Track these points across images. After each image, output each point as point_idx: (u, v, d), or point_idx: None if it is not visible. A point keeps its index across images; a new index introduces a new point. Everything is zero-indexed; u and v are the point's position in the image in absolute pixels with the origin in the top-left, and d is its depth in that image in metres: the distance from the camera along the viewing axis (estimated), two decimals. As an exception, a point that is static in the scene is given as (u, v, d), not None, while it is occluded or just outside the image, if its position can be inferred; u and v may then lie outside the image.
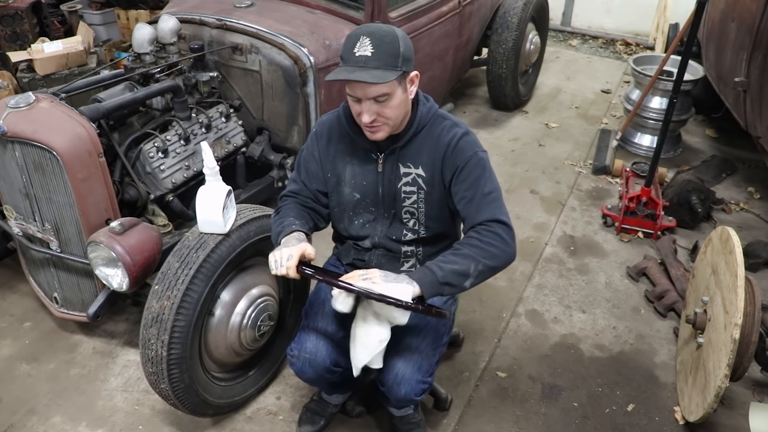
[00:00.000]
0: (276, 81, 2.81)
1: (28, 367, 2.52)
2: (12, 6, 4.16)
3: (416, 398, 1.85)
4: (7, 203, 2.41)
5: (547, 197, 3.69)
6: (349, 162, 1.87)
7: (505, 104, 4.60)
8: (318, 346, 1.90)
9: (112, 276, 2.16)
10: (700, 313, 2.32)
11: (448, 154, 1.78)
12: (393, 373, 1.83)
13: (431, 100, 1.87)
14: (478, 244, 1.69)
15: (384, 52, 1.62)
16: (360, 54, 1.61)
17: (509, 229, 1.73)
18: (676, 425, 2.33)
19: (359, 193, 1.88)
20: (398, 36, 1.67)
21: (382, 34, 1.64)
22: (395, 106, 1.69)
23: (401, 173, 1.83)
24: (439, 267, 1.66)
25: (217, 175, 1.95)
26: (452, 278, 1.66)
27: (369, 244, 1.96)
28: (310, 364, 1.90)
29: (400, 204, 1.86)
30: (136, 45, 2.71)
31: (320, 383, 2.09)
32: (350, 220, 1.94)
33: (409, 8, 3.31)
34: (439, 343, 1.93)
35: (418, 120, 1.80)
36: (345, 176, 1.88)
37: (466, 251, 1.69)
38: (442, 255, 1.72)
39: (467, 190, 1.77)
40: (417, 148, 1.82)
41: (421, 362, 1.85)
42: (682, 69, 2.94)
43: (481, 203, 1.75)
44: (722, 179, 3.84)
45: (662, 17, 5.31)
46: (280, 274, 1.69)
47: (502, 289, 2.96)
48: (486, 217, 1.72)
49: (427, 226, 1.89)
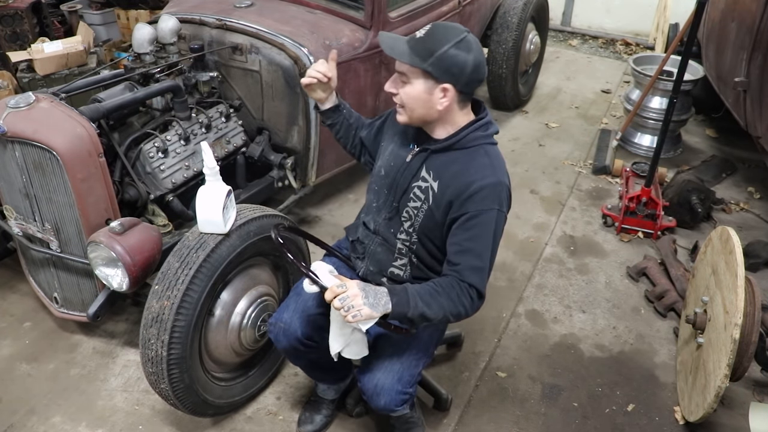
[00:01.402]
0: (276, 81, 2.81)
1: (28, 367, 2.52)
2: (12, 6, 4.17)
3: (397, 408, 1.83)
4: (7, 203, 2.41)
5: (547, 197, 3.69)
6: (393, 141, 1.92)
7: (505, 104, 4.60)
8: (293, 317, 1.94)
9: (112, 276, 2.16)
10: (700, 313, 2.32)
11: (465, 196, 1.71)
12: (373, 383, 1.82)
13: (492, 128, 1.81)
14: (455, 300, 1.69)
15: (425, 42, 1.65)
16: (414, 35, 1.69)
17: (482, 300, 1.75)
18: (676, 425, 2.33)
19: (385, 170, 1.91)
20: (452, 43, 1.64)
21: (444, 31, 1.66)
22: (410, 95, 1.70)
23: (420, 175, 1.82)
24: (415, 305, 1.65)
25: (217, 175, 1.95)
26: (416, 318, 1.66)
27: (373, 227, 1.97)
28: (284, 333, 1.94)
29: (406, 201, 1.85)
30: (136, 45, 2.71)
31: (296, 357, 2.07)
32: (371, 190, 1.99)
33: (409, 8, 3.31)
34: (423, 354, 1.90)
35: (461, 138, 1.75)
36: (384, 151, 1.94)
37: (443, 301, 1.68)
38: (424, 288, 1.69)
39: (467, 240, 1.72)
40: (446, 163, 1.77)
41: (402, 372, 1.82)
42: (682, 69, 2.94)
43: (472, 262, 1.71)
44: (722, 179, 3.84)
45: (662, 17, 5.31)
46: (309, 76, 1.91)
47: (502, 289, 2.96)
48: (471, 281, 1.71)
49: (419, 238, 1.87)
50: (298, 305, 1.96)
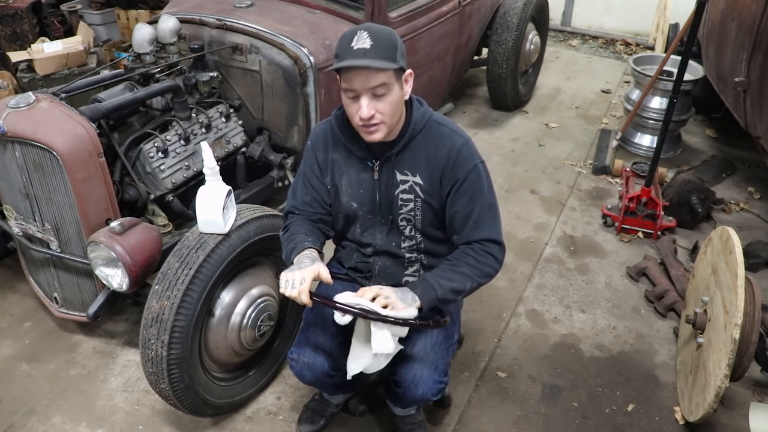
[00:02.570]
0: (276, 81, 2.81)
1: (28, 367, 2.52)
2: (12, 6, 4.17)
3: (433, 398, 1.86)
4: (7, 203, 2.41)
5: (547, 197, 3.69)
6: (345, 171, 1.85)
7: (505, 104, 4.60)
8: (317, 350, 1.91)
9: (112, 276, 2.16)
10: (700, 313, 2.32)
11: (449, 166, 1.76)
12: (411, 374, 1.84)
13: (425, 104, 1.84)
14: (475, 263, 1.74)
15: (382, 45, 1.60)
16: (359, 47, 1.59)
17: (503, 249, 1.78)
18: (676, 425, 2.33)
19: (356, 201, 1.86)
20: (394, 32, 1.67)
21: (378, 28, 1.64)
22: (392, 103, 1.66)
23: (398, 180, 1.81)
24: (439, 284, 1.71)
25: (217, 175, 1.95)
26: (449, 295, 1.72)
27: (371, 251, 1.95)
28: (309, 369, 1.91)
29: (397, 211, 1.85)
30: (136, 45, 2.71)
31: (321, 386, 2.10)
32: (351, 227, 1.94)
33: (409, 8, 3.31)
34: (451, 341, 1.95)
35: (413, 125, 1.77)
36: (342, 186, 1.86)
37: (463, 269, 1.73)
38: (440, 269, 1.75)
39: (465, 205, 1.76)
40: (413, 154, 1.79)
41: (437, 362, 1.86)
42: (682, 69, 2.94)
43: (478, 220, 1.76)
44: (722, 179, 3.84)
45: (662, 17, 5.31)
46: (291, 296, 1.65)
47: (502, 289, 2.96)
48: (483, 236, 1.75)
49: (423, 232, 1.88)
50: (318, 337, 1.93)
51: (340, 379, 1.99)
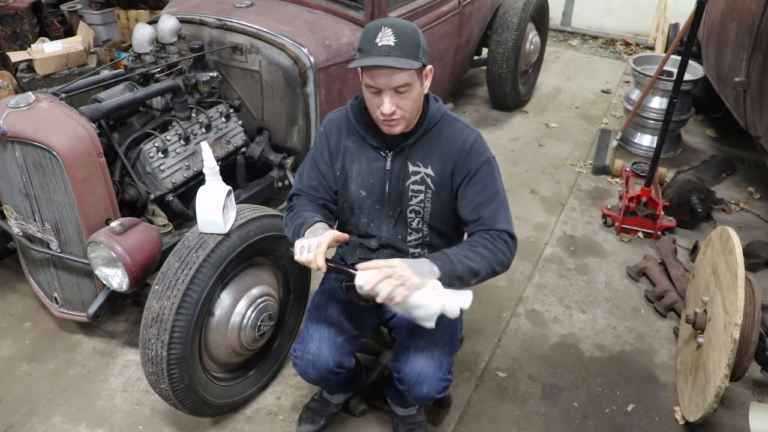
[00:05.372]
0: (276, 81, 2.81)
1: (28, 367, 2.52)
2: (12, 6, 4.16)
3: (438, 395, 1.86)
4: (7, 203, 2.41)
5: (547, 197, 3.69)
6: (357, 159, 1.87)
7: (505, 104, 4.60)
8: (321, 347, 1.89)
9: (112, 276, 2.16)
10: (700, 313, 2.32)
11: (461, 159, 1.79)
12: (415, 372, 1.83)
13: (440, 100, 1.88)
14: (492, 248, 1.73)
15: (406, 43, 1.62)
16: (383, 44, 1.60)
17: (515, 241, 1.79)
18: (676, 425, 2.33)
19: (365, 190, 1.88)
20: (417, 28, 1.68)
21: (404, 25, 1.66)
22: (414, 99, 1.70)
23: (410, 171, 1.83)
24: (458, 260, 1.69)
25: (217, 175, 1.95)
26: (465, 274, 1.69)
27: (376, 244, 1.95)
28: (313, 366, 1.90)
29: (407, 202, 1.86)
30: (136, 45, 2.71)
31: (324, 384, 2.10)
32: (357, 217, 1.94)
33: (409, 8, 3.31)
34: (455, 339, 1.95)
35: (429, 118, 1.81)
36: (352, 173, 1.88)
37: (482, 251, 1.72)
38: (459, 247, 1.74)
39: (477, 194, 1.79)
40: (427, 147, 1.82)
41: (442, 359, 1.86)
42: (682, 69, 2.94)
43: (494, 211, 1.78)
44: (722, 179, 3.84)
45: (662, 17, 5.31)
46: (305, 260, 1.64)
47: (502, 289, 2.96)
48: (498, 226, 1.76)
49: (431, 225, 1.90)
50: (322, 334, 1.91)
51: (344, 378, 1.99)
